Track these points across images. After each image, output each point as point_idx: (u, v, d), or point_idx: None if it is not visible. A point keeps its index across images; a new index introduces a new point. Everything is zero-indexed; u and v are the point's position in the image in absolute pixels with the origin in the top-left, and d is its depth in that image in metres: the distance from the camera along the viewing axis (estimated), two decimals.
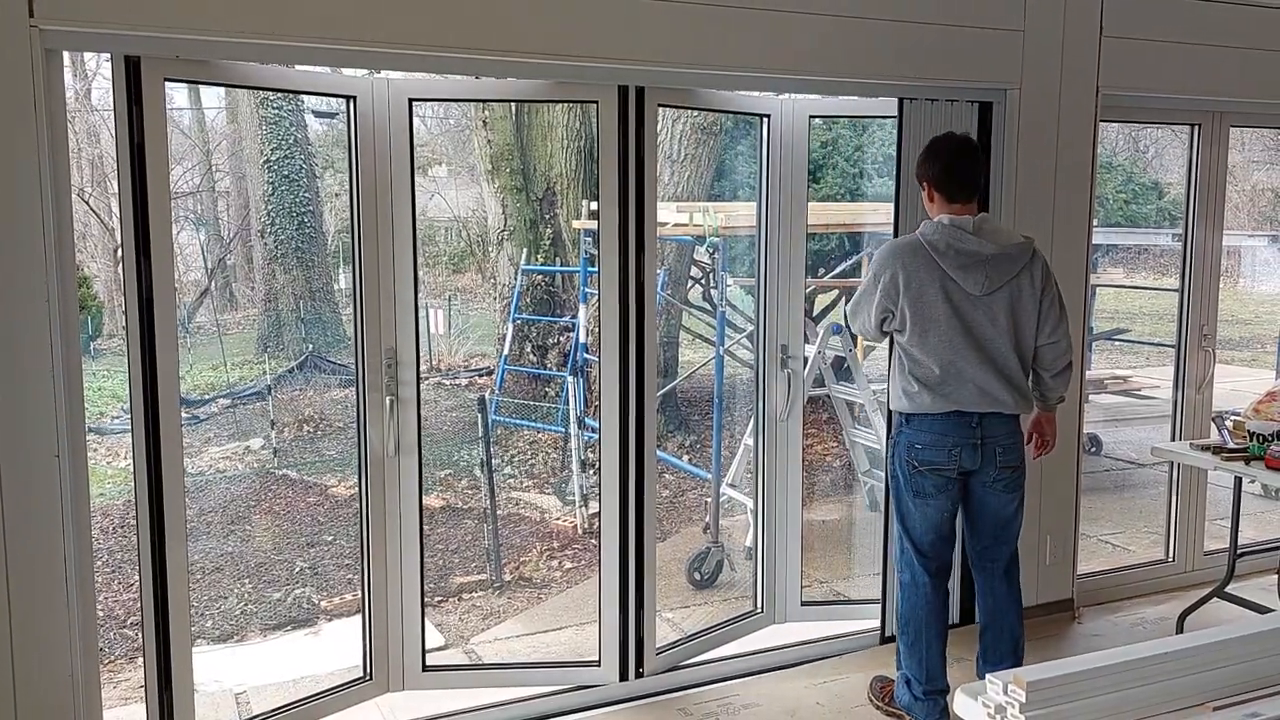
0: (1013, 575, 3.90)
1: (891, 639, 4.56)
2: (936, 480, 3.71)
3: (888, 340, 3.88)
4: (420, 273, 3.91)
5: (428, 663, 4.09)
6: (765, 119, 4.46)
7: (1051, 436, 4.05)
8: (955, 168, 3.67)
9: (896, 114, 4.36)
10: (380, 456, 3.91)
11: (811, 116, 4.54)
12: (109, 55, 3.24)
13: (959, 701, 2.54)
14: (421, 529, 4.01)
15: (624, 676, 4.17)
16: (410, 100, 3.77)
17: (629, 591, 4.15)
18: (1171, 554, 5.40)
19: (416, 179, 3.87)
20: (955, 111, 4.42)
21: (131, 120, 3.25)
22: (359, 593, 4.07)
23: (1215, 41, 4.80)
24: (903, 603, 3.84)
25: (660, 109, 4.05)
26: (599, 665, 4.17)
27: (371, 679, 4.00)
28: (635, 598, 4.16)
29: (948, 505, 3.76)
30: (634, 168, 3.96)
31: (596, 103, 3.92)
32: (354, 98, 3.72)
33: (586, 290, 7.98)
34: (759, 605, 4.72)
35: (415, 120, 3.82)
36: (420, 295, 3.90)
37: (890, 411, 3.91)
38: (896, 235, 4.40)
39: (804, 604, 4.78)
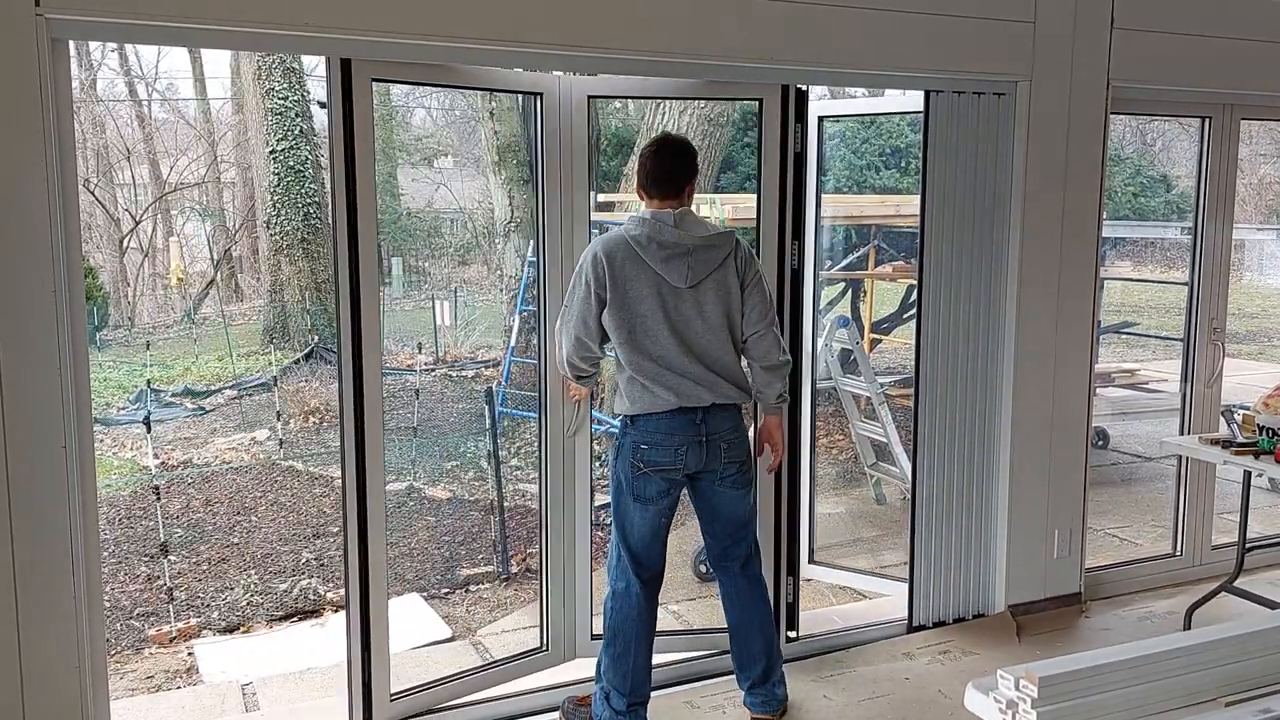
0: (751, 571, 3.83)
1: (920, 628, 4.58)
2: (660, 483, 3.61)
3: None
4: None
5: (595, 632, 4.16)
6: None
7: (778, 444, 3.88)
8: (655, 168, 3.66)
9: (922, 107, 4.37)
10: (560, 440, 4.06)
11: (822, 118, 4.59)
12: (325, 58, 3.43)
13: (969, 697, 2.52)
14: (592, 509, 4.15)
15: None
16: (589, 97, 3.97)
17: None
18: (1179, 548, 5.39)
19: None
20: (982, 104, 4.43)
21: (345, 119, 3.43)
22: (537, 568, 4.30)
23: (1227, 33, 4.78)
24: (613, 613, 3.72)
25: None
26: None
27: (548, 650, 4.17)
28: None
29: (667, 510, 3.67)
30: (793, 161, 4.18)
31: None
32: (540, 94, 3.91)
33: None
34: None
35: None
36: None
37: (618, 418, 3.76)
38: (922, 229, 4.41)
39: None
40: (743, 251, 3.65)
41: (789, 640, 4.38)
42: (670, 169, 3.64)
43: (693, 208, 3.70)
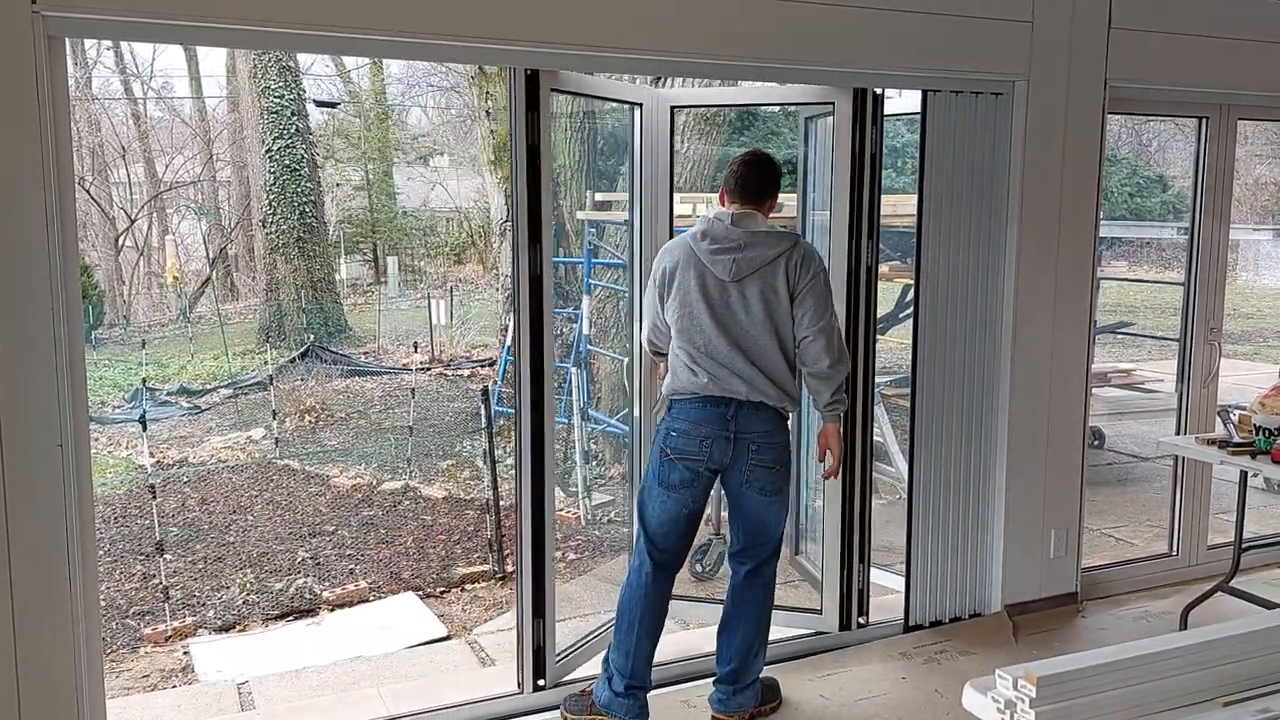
0: (761, 575, 3.83)
1: (916, 628, 4.58)
2: (684, 472, 3.67)
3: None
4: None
5: None
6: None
7: (835, 451, 3.83)
8: (732, 175, 3.80)
9: (920, 107, 4.37)
10: (651, 425, 4.31)
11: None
12: (515, 68, 3.63)
13: (967, 696, 2.52)
14: None
15: None
16: (671, 108, 4.33)
17: None
18: (1175, 548, 5.39)
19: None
20: (980, 104, 4.43)
21: (530, 128, 3.66)
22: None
23: (1224, 34, 4.78)
24: (624, 589, 3.81)
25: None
26: None
27: None
28: None
29: (689, 501, 3.70)
30: (868, 162, 4.28)
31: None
32: (641, 104, 4.25)
33: (590, 281, 7.96)
34: None
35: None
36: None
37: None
38: (919, 228, 4.42)
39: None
40: (799, 254, 3.64)
41: (859, 626, 4.53)
42: (745, 178, 3.78)
43: (752, 215, 3.77)
